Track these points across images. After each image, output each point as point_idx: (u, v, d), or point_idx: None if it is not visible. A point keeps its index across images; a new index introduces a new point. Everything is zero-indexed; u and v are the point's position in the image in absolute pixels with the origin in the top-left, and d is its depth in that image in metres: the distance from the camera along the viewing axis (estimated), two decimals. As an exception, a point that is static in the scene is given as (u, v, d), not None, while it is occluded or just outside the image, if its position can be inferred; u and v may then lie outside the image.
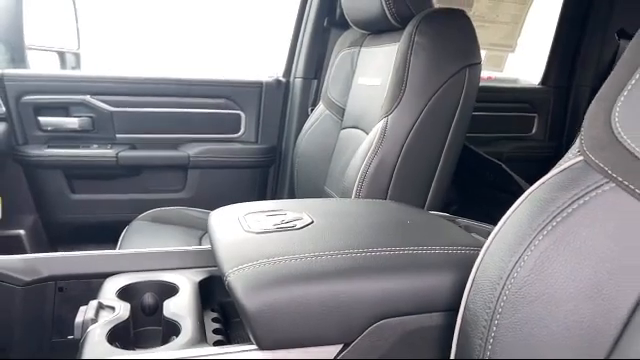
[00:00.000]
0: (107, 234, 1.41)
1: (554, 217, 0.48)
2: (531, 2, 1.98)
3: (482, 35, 1.99)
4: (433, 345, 0.59)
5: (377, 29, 1.27)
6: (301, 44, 1.71)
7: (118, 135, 1.59)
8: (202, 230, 1.34)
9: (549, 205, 0.49)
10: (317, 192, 1.42)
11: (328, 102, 1.46)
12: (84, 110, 1.55)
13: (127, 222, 1.39)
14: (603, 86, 0.52)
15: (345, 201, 0.99)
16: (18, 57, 1.59)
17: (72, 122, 1.53)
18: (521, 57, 2.15)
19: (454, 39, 1.04)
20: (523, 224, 0.50)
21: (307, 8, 1.67)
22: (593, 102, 0.53)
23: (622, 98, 0.49)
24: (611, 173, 0.47)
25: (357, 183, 1.03)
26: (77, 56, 1.92)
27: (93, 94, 1.55)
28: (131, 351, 0.55)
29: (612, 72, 0.52)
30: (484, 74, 2.17)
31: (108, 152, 1.56)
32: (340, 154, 1.35)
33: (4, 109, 1.45)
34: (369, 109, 1.20)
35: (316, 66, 1.70)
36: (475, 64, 1.04)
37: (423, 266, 0.60)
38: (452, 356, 0.54)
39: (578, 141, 0.53)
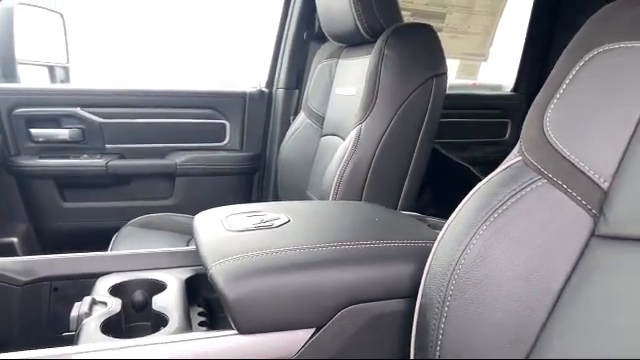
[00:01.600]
0: (98, 240, 1.43)
1: (495, 210, 0.54)
2: (501, 13, 2.06)
3: (455, 45, 2.09)
4: (396, 327, 0.64)
5: (352, 42, 1.33)
6: (282, 56, 1.75)
7: (107, 145, 1.62)
8: (189, 235, 1.37)
9: (492, 199, 0.55)
10: (300, 197, 1.46)
11: (308, 111, 1.51)
12: (74, 122, 1.58)
13: (117, 229, 1.42)
14: (539, 94, 0.59)
15: (321, 203, 1.05)
16: (9, 71, 1.61)
17: (63, 133, 1.56)
18: (496, 65, 2.22)
19: (421, 52, 1.11)
20: (470, 217, 0.56)
21: (287, 22, 1.71)
22: (531, 108, 0.59)
23: (552, 105, 0.55)
24: (543, 170, 0.53)
25: (334, 186, 1.09)
26: (66, 70, 1.94)
27: (83, 106, 1.58)
28: (123, 339, 0.60)
29: (546, 82, 0.59)
30: (468, 81, 2.24)
31: (98, 162, 1.59)
32: (320, 160, 1.40)
33: (-3, 122, 1.49)
34: (346, 117, 1.25)
35: (297, 77, 1.74)
36: (441, 74, 1.10)
37: (386, 257, 0.66)
38: (413, 336, 0.60)
39: (519, 143, 0.59)
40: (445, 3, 1.93)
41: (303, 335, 0.61)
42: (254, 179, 1.82)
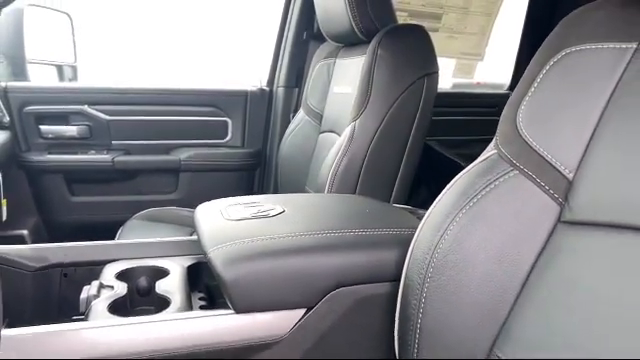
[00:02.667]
0: (104, 233, 1.46)
1: (471, 199, 0.59)
2: (496, 14, 2.09)
3: (452, 45, 2.12)
4: (382, 308, 0.69)
5: (349, 42, 1.37)
6: (283, 55, 1.79)
7: (114, 141, 1.66)
8: (192, 228, 1.41)
9: (468, 189, 0.60)
10: (299, 192, 1.48)
11: (307, 109, 1.55)
12: (82, 119, 1.62)
13: (123, 222, 1.46)
14: (513, 93, 0.63)
15: (315, 195, 1.09)
16: (19, 70, 1.65)
17: (71, 130, 1.60)
18: (493, 64, 2.26)
19: (412, 52, 1.14)
20: (448, 205, 0.60)
21: (288, 23, 1.75)
22: (506, 106, 0.63)
23: (524, 102, 0.59)
24: (515, 162, 0.58)
25: (329, 180, 1.13)
26: (74, 69, 1.97)
27: (90, 104, 1.61)
28: (129, 317, 0.64)
29: (519, 81, 0.63)
30: (473, 81, 2.27)
31: (105, 157, 1.63)
32: (319, 156, 1.43)
33: (8, 119, 1.52)
34: (343, 115, 1.29)
35: (297, 76, 1.78)
36: (432, 73, 1.14)
37: (373, 244, 0.70)
38: (397, 315, 0.64)
39: (495, 138, 0.64)
40: (441, 4, 1.96)
41: (295, 315, 0.65)
42: (255, 175, 1.85)
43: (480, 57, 2.18)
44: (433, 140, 1.68)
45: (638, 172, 0.47)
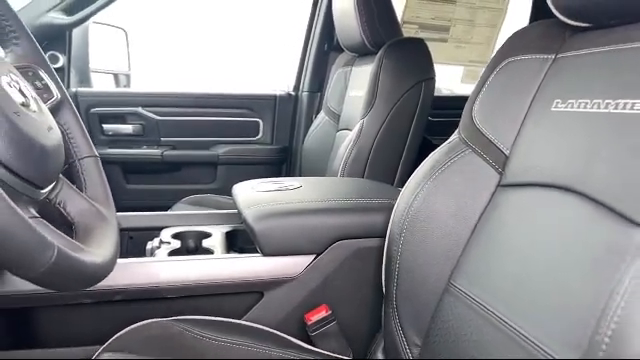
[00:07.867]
0: None
1: (437, 170, 0.76)
2: (500, 25, 2.23)
3: (460, 54, 2.27)
4: (373, 256, 0.85)
5: (362, 52, 1.53)
6: (307, 64, 1.96)
7: (163, 138, 1.86)
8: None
9: (435, 164, 0.77)
10: (318, 181, 1.67)
11: (327, 110, 1.72)
12: (136, 119, 1.82)
13: (169, 207, 1.64)
14: (472, 91, 0.80)
15: (328, 178, 1.27)
16: (85, 78, 1.88)
17: (127, 128, 1.81)
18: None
19: (412, 61, 1.30)
20: (420, 176, 0.78)
21: (311, 36, 1.93)
22: (467, 101, 0.80)
23: (478, 99, 0.76)
24: (470, 144, 0.75)
25: (341, 168, 1.30)
26: (128, 77, 2.20)
27: (143, 106, 1.82)
28: (183, 256, 0.83)
29: (477, 83, 0.79)
30: None
31: (155, 152, 1.83)
32: (336, 151, 1.60)
33: (78, 119, 1.75)
34: (356, 114, 1.46)
35: (319, 82, 1.95)
36: (429, 79, 1.30)
37: (367, 209, 0.87)
38: (383, 260, 0.81)
39: (458, 126, 0.80)
40: (449, 17, 2.11)
41: (306, 259, 0.83)
42: (282, 168, 2.03)
43: (486, 64, 2.31)
44: (437, 138, 1.83)
45: (550, 145, 0.64)
